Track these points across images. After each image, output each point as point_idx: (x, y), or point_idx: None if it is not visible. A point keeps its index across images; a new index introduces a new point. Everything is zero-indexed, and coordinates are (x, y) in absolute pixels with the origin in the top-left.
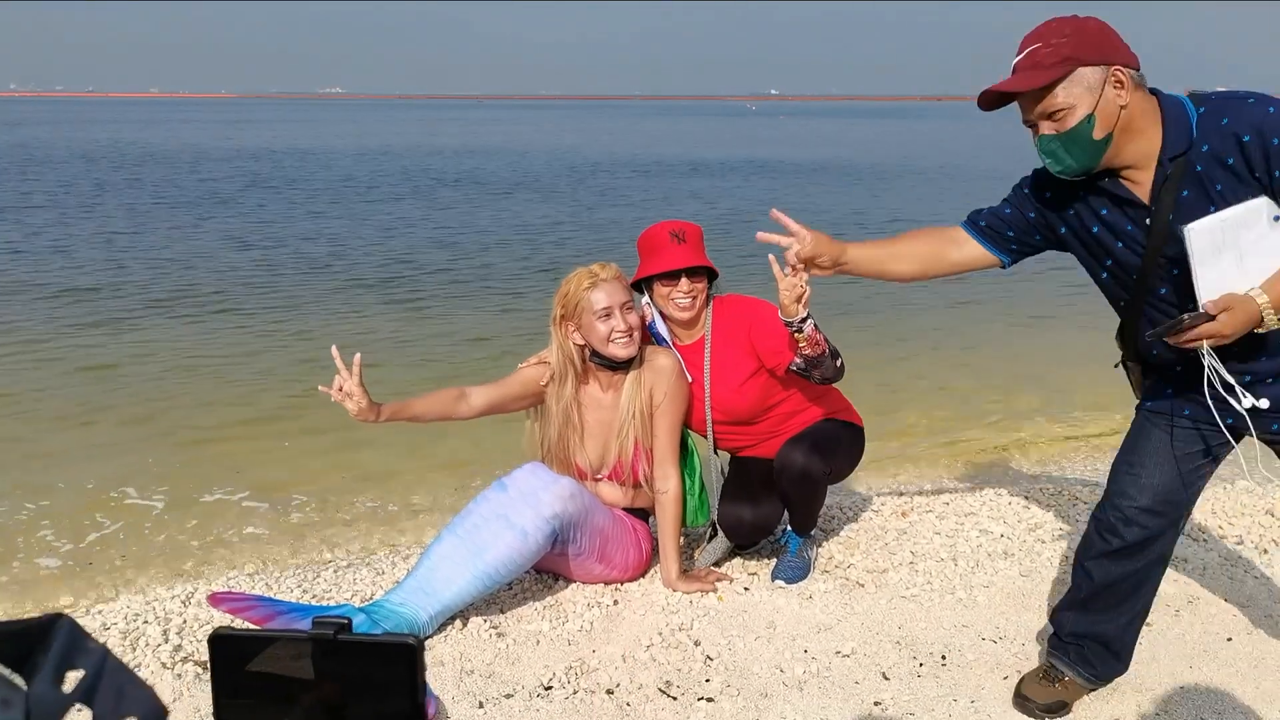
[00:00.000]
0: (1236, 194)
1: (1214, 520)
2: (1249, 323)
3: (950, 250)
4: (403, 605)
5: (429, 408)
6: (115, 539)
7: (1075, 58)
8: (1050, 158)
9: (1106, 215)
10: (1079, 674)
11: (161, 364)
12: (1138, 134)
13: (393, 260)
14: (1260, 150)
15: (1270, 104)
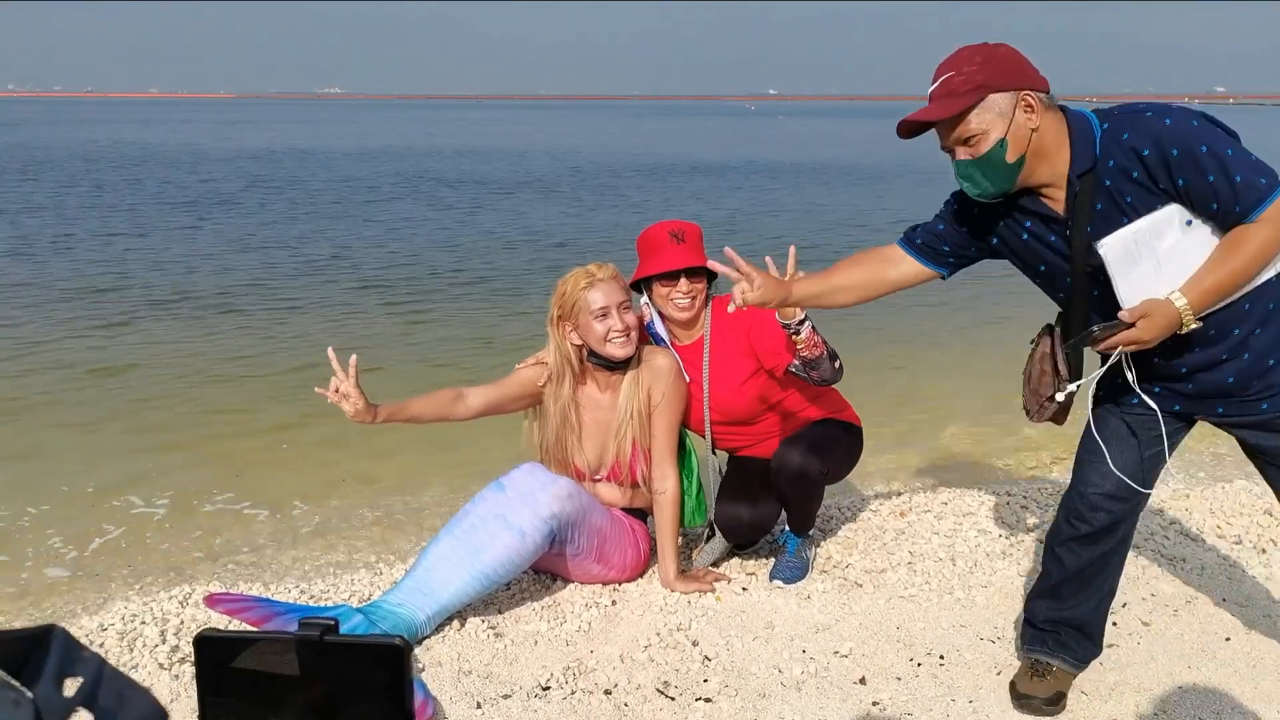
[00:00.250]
0: (1147, 204)
1: (1212, 520)
2: (1169, 327)
3: (888, 271)
4: (400, 606)
5: (426, 409)
6: (113, 540)
7: (987, 84)
8: (968, 181)
9: (1031, 228)
10: (1063, 661)
11: (162, 365)
12: (1050, 154)
13: (394, 261)
14: (1161, 162)
15: (1166, 115)
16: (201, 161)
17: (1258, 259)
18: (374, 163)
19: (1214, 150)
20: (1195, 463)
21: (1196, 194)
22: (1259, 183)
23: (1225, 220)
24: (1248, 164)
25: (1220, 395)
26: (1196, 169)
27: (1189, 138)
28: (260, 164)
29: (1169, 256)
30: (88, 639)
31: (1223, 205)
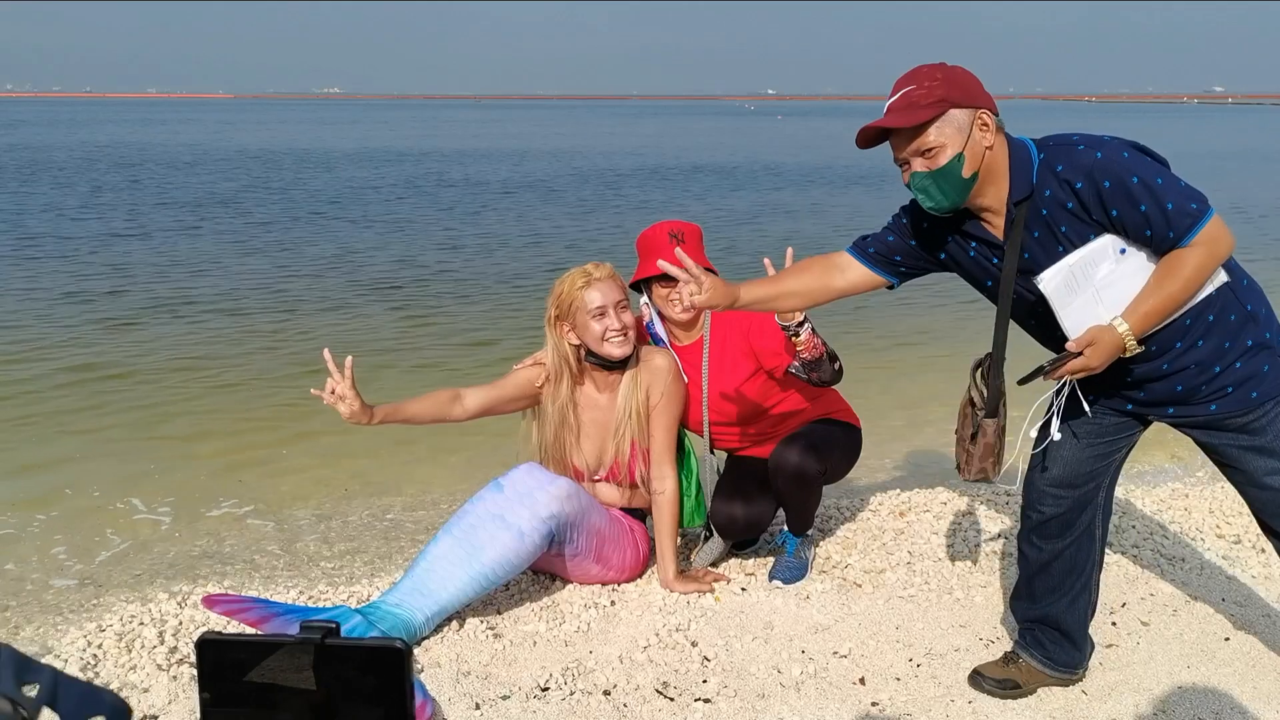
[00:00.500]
0: (1081, 234)
1: (1211, 519)
2: (1114, 352)
3: (835, 278)
4: (399, 606)
5: (423, 410)
6: (112, 542)
7: (948, 99)
8: (923, 194)
9: (974, 252)
10: (1033, 656)
11: (165, 367)
12: (996, 177)
13: (396, 261)
14: (1094, 194)
15: (1098, 148)
16: (204, 162)
17: (1194, 281)
18: (375, 163)
19: (1145, 180)
20: (1194, 463)
21: (1130, 223)
22: (1190, 208)
23: (1160, 246)
24: (1178, 190)
25: (1171, 401)
26: (1129, 200)
27: (1120, 169)
28: (262, 164)
29: (1106, 284)
30: (86, 640)
31: (1157, 232)
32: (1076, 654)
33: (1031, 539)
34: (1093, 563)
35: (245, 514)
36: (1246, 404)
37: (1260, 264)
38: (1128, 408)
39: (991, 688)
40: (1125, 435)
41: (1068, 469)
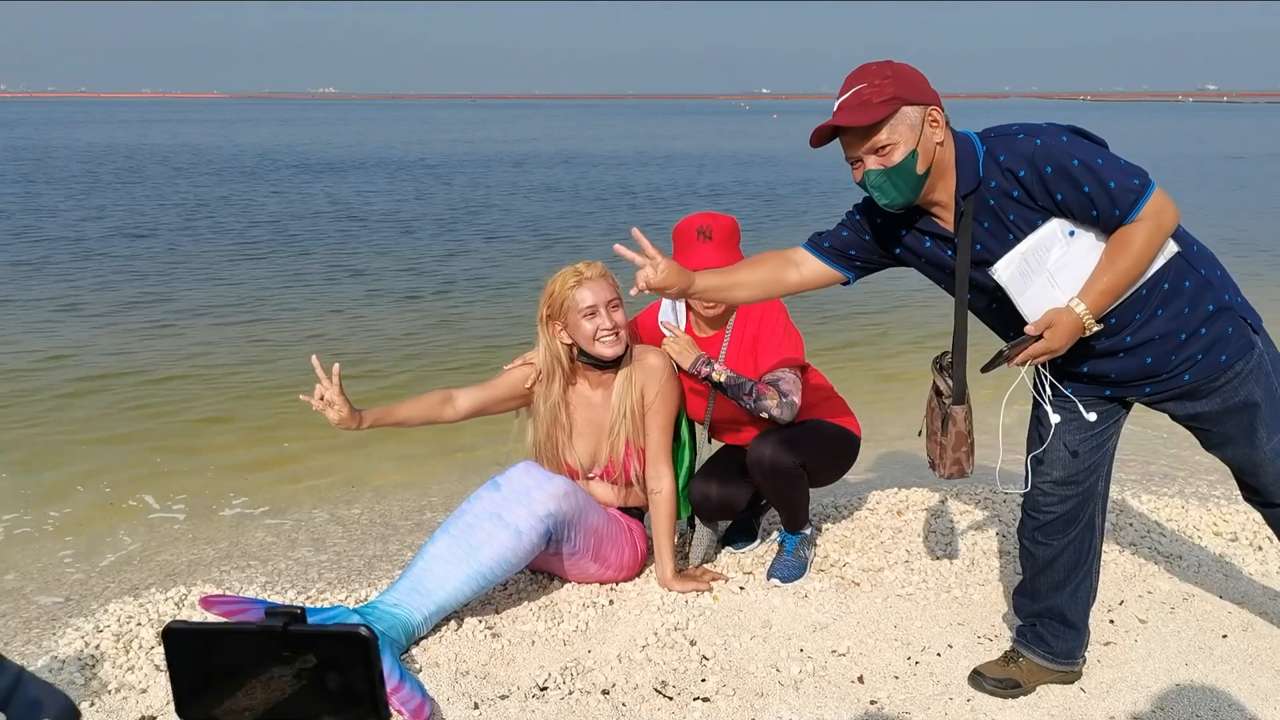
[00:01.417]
0: (1029, 221)
1: (1209, 517)
2: (1074, 333)
3: (789, 273)
4: (396, 606)
5: (414, 412)
6: (109, 541)
7: (899, 97)
8: (878, 191)
9: (929, 246)
10: (1035, 653)
11: (168, 367)
12: (945, 172)
13: (402, 261)
14: (1037, 180)
15: (1037, 135)
16: (208, 162)
17: (1145, 255)
18: (377, 162)
19: (1085, 161)
20: (1191, 461)
21: (1076, 205)
22: (1132, 184)
23: (1108, 224)
24: (1119, 168)
25: (1144, 377)
26: (1071, 182)
27: (1060, 153)
28: (265, 165)
29: (1060, 267)
30: (84, 641)
31: (1102, 211)
32: (1078, 642)
33: (1036, 538)
34: (1095, 552)
35: (243, 514)
36: (1217, 368)
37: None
38: (1106, 393)
39: (993, 688)
40: (1112, 422)
41: (1068, 468)
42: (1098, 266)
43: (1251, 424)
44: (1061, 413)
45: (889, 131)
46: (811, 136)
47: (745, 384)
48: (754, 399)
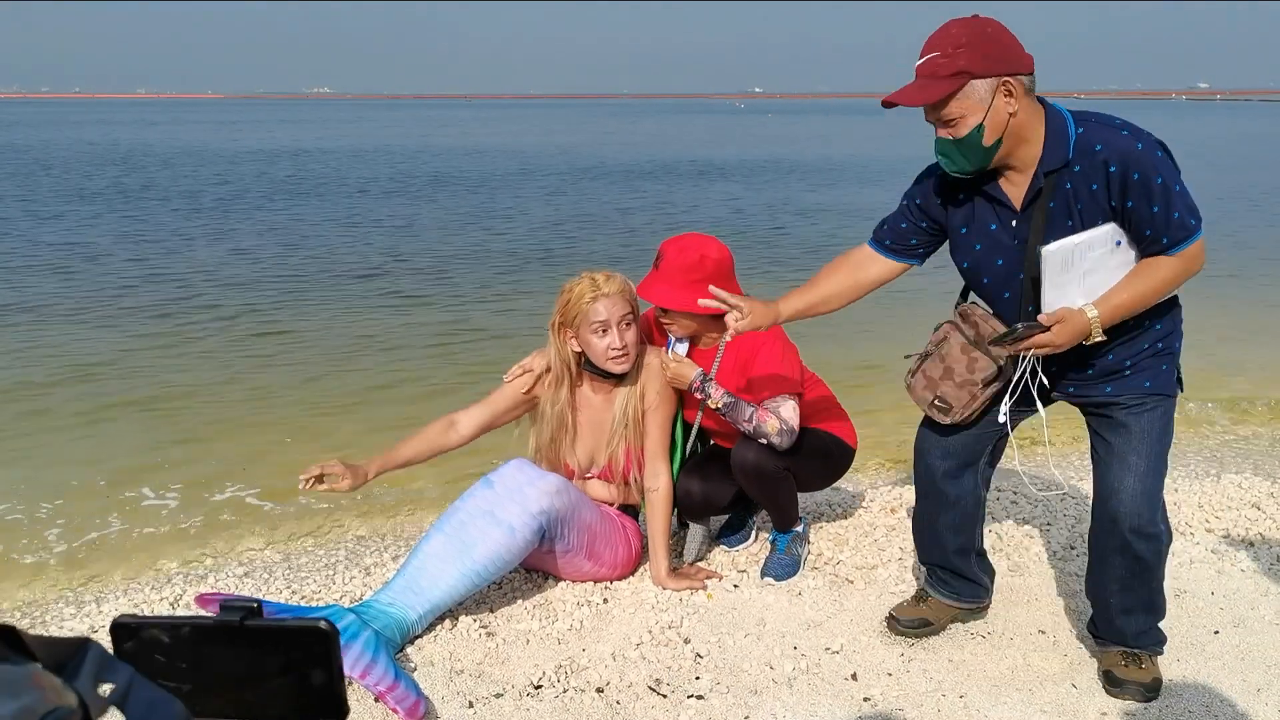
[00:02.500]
0: (1092, 215)
1: (1200, 514)
2: (1079, 335)
3: (864, 274)
4: (392, 605)
5: (419, 448)
6: (108, 543)
7: (968, 70)
8: (945, 158)
9: (978, 214)
10: (940, 593)
11: (168, 359)
12: (1025, 140)
13: (407, 260)
14: (1121, 181)
15: (1139, 139)
16: (210, 163)
17: (1165, 288)
18: (380, 163)
19: (1167, 183)
20: (1183, 457)
21: (1138, 219)
22: (1189, 223)
23: (1150, 248)
24: (1186, 203)
25: (1076, 380)
26: (1148, 197)
27: (1151, 166)
28: (268, 165)
29: (1092, 269)
30: None
31: (1156, 234)
32: (979, 589)
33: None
34: (981, 518)
35: (239, 514)
36: (1139, 391)
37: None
38: (1048, 388)
39: (906, 629)
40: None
41: (955, 444)
42: (1120, 283)
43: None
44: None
45: (955, 106)
46: (883, 101)
47: (744, 409)
48: (753, 424)
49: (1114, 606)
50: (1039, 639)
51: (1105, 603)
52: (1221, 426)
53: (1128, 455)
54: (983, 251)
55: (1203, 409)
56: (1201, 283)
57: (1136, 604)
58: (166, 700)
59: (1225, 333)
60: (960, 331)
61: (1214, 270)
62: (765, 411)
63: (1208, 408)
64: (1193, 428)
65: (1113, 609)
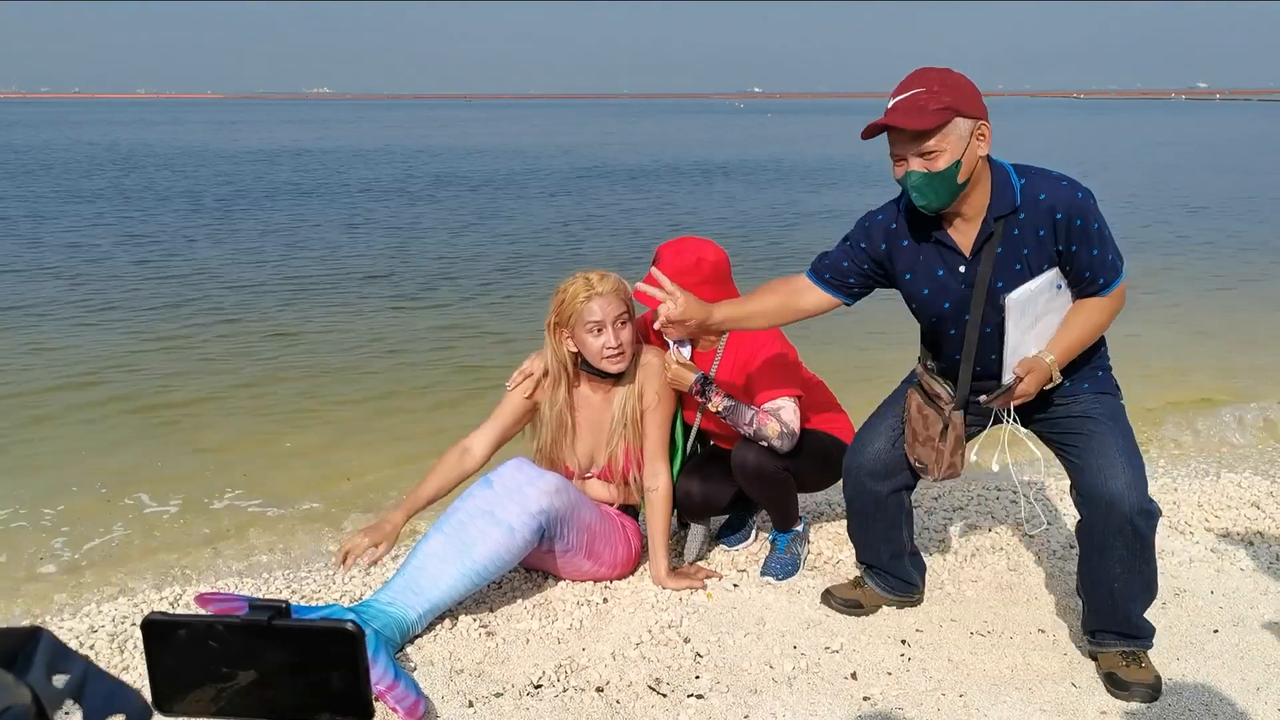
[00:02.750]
0: (1039, 260)
1: (1199, 513)
2: (1045, 380)
3: (797, 301)
4: (391, 605)
5: (441, 485)
6: (105, 543)
7: (954, 108)
8: (916, 191)
9: (925, 259)
10: (874, 584)
11: (172, 367)
12: (979, 185)
13: (410, 261)
14: (1066, 227)
15: (1077, 189)
16: (211, 163)
17: (1104, 326)
18: (382, 164)
19: (1102, 228)
20: (1182, 457)
21: (1079, 262)
22: (1118, 264)
23: (1088, 289)
24: (1115, 247)
25: (1035, 409)
26: (1088, 241)
27: (1089, 213)
28: (271, 166)
29: (1043, 313)
30: (78, 642)
31: (1094, 275)
32: (910, 588)
33: (853, 516)
34: (909, 525)
35: (239, 513)
36: (1085, 394)
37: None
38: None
39: (839, 606)
40: (971, 430)
41: (879, 459)
42: (1067, 327)
43: (1108, 432)
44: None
45: (939, 139)
46: (866, 129)
47: (744, 412)
48: (754, 427)
49: (1118, 593)
50: (1039, 638)
51: (1108, 592)
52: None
53: (1106, 442)
54: (930, 295)
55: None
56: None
57: (1139, 586)
58: (124, 691)
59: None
60: (918, 393)
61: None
62: (765, 415)
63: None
64: (1191, 428)
65: (1117, 596)
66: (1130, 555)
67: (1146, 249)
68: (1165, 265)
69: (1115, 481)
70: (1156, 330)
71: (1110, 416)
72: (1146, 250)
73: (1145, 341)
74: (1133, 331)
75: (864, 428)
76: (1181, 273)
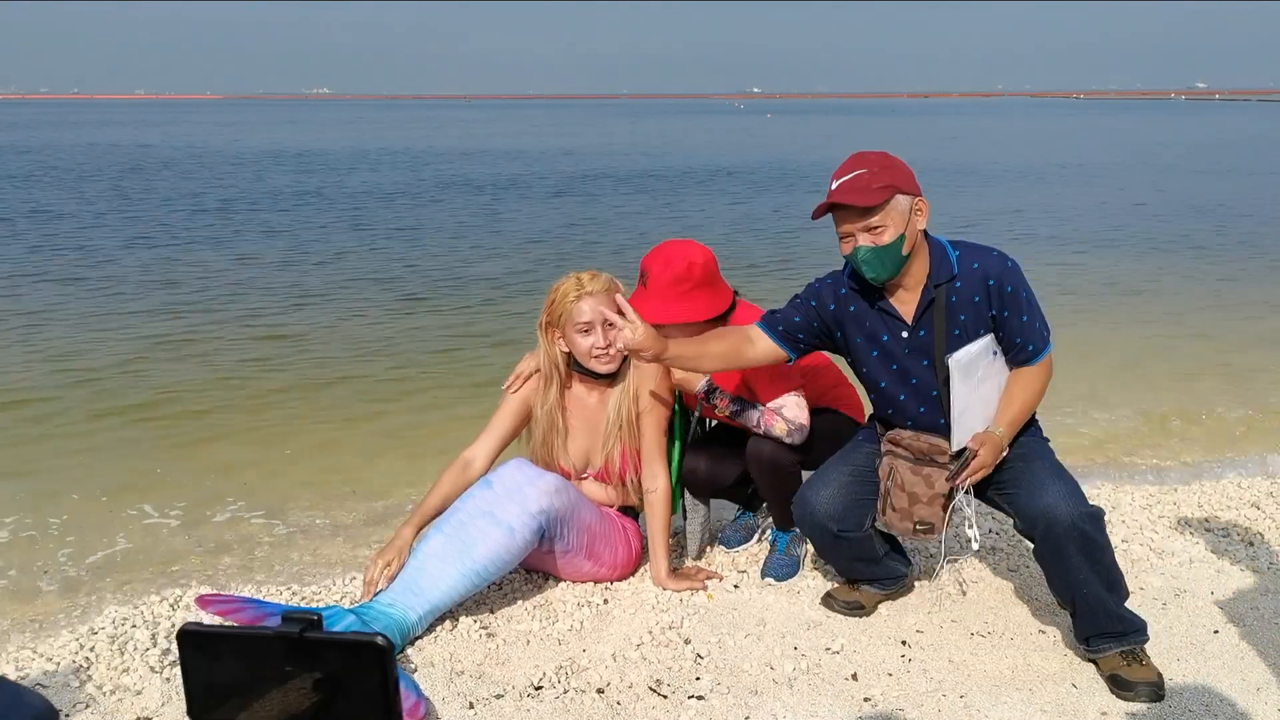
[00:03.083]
0: (976, 325)
1: (1200, 513)
2: (999, 453)
3: (747, 348)
4: (392, 606)
5: (446, 497)
6: (103, 543)
7: (895, 186)
8: (866, 265)
9: (870, 326)
10: (868, 587)
11: (166, 365)
12: (919, 259)
13: (414, 264)
14: (999, 293)
15: (1006, 259)
16: (212, 164)
17: (1040, 396)
18: (385, 164)
19: (1030, 297)
20: (1183, 458)
21: (1010, 327)
22: (1044, 333)
23: (1019, 355)
24: (1041, 316)
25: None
26: (1018, 308)
27: (1018, 281)
28: (274, 166)
29: (984, 377)
30: (79, 644)
31: (1025, 340)
32: (897, 573)
33: (824, 552)
34: (880, 548)
35: (238, 515)
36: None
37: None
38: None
39: (841, 609)
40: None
41: (837, 507)
42: (1009, 400)
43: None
44: (866, 468)
45: (883, 215)
46: (816, 210)
47: (751, 414)
48: (761, 428)
49: (1090, 598)
50: (1039, 639)
51: (1082, 599)
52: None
53: (1030, 468)
54: (879, 359)
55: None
56: None
57: (1104, 585)
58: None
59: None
60: (899, 458)
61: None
62: (771, 414)
63: None
64: (1189, 428)
65: (1090, 601)
66: (1085, 558)
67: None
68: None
69: (1048, 496)
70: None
71: (1031, 450)
72: (1157, 256)
73: (1152, 345)
74: (1155, 334)
75: (814, 479)
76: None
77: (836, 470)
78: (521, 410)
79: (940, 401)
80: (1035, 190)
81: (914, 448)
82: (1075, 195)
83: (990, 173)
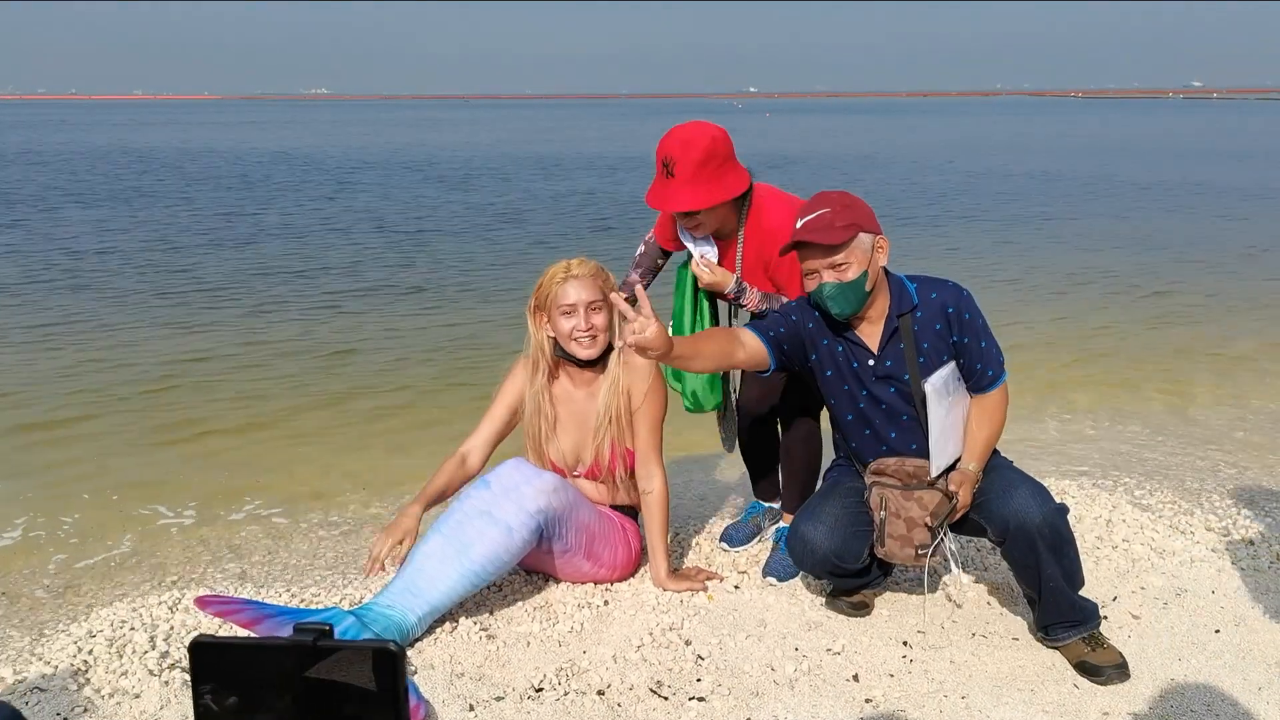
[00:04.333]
0: (938, 352)
1: (1201, 513)
2: (974, 488)
3: (738, 350)
4: (391, 608)
5: (450, 484)
6: (101, 545)
7: (857, 224)
8: (831, 301)
9: (842, 355)
10: (870, 587)
11: (164, 356)
12: (881, 294)
13: (421, 265)
14: (958, 320)
15: (961, 288)
16: (212, 164)
17: (1003, 424)
18: (386, 166)
19: (985, 324)
20: (1184, 457)
21: (968, 353)
22: (1000, 358)
23: (978, 381)
24: (996, 342)
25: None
26: (975, 334)
27: (974, 308)
28: (276, 167)
29: (954, 403)
30: (77, 647)
31: (984, 365)
32: (887, 572)
33: (828, 578)
34: (870, 568)
35: (237, 516)
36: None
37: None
38: None
39: (846, 609)
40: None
41: (835, 544)
42: (975, 434)
43: (999, 473)
44: (850, 498)
45: (847, 253)
46: (780, 248)
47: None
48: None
49: (1055, 590)
50: (1040, 639)
51: (1047, 591)
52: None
53: (1001, 476)
54: (849, 390)
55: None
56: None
57: (1066, 577)
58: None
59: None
60: (887, 487)
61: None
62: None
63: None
64: (1188, 429)
65: (1055, 593)
66: (1053, 553)
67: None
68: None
69: (1017, 498)
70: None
71: (992, 463)
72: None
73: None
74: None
75: (807, 515)
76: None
77: (827, 505)
78: (515, 401)
79: (911, 426)
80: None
81: (900, 473)
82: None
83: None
